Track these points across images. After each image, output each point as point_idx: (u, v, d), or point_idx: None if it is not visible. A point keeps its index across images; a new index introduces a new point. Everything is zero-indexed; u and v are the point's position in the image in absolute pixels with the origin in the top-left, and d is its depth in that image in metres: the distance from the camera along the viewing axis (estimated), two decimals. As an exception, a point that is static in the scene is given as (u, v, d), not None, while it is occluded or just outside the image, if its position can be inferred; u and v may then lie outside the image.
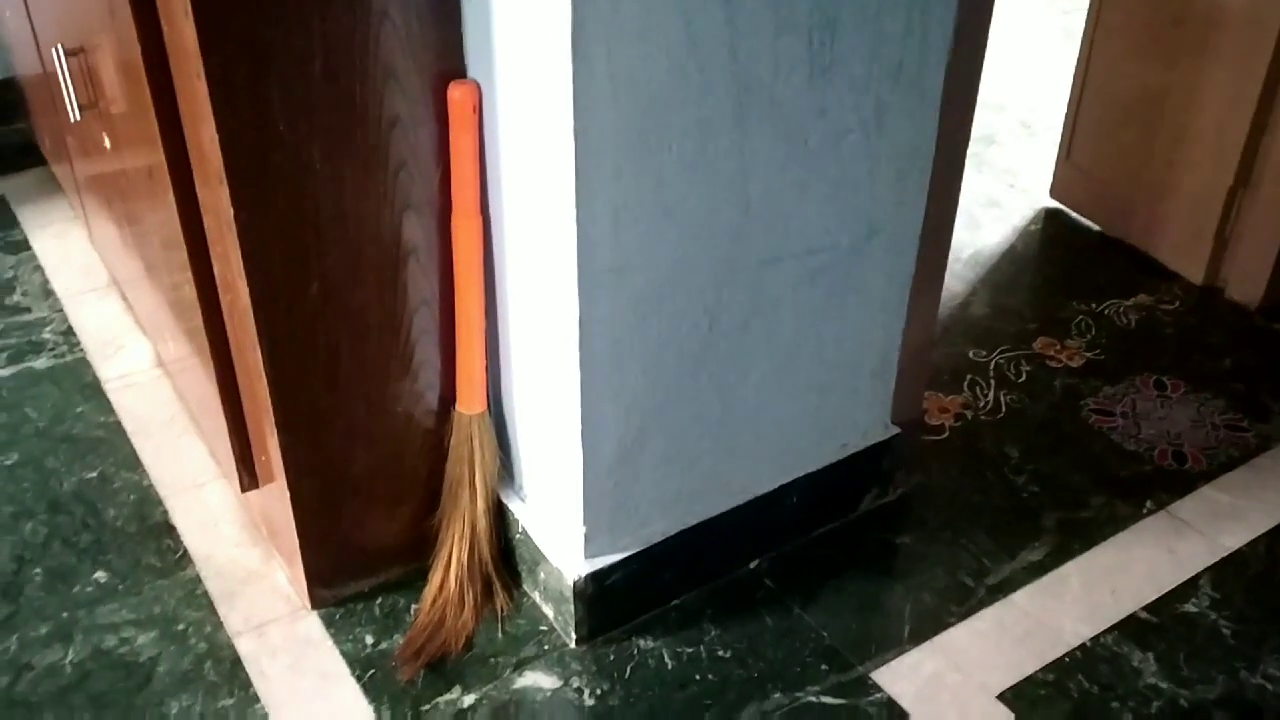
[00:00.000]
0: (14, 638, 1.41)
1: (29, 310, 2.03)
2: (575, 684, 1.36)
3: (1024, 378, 1.91)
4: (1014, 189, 2.49)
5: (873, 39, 1.23)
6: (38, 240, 2.23)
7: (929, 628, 1.44)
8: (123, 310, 2.02)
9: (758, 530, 1.51)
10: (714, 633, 1.43)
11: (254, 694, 1.35)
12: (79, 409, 1.80)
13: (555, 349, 1.25)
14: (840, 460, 1.54)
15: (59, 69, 1.51)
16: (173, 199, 1.28)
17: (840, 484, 1.57)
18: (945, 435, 1.77)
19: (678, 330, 1.28)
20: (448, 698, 1.34)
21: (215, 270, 1.31)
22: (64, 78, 1.51)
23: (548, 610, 1.44)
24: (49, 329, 1.98)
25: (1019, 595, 1.49)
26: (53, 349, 1.93)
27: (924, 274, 1.49)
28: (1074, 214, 2.37)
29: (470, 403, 1.38)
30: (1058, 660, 1.40)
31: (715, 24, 1.11)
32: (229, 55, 1.09)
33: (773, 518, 1.51)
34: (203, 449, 1.71)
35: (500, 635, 1.42)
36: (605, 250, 1.17)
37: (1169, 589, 1.50)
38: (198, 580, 1.50)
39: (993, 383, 1.89)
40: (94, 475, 1.67)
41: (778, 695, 1.35)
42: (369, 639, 1.41)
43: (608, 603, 1.39)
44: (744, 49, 1.15)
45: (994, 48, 1.43)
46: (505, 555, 1.48)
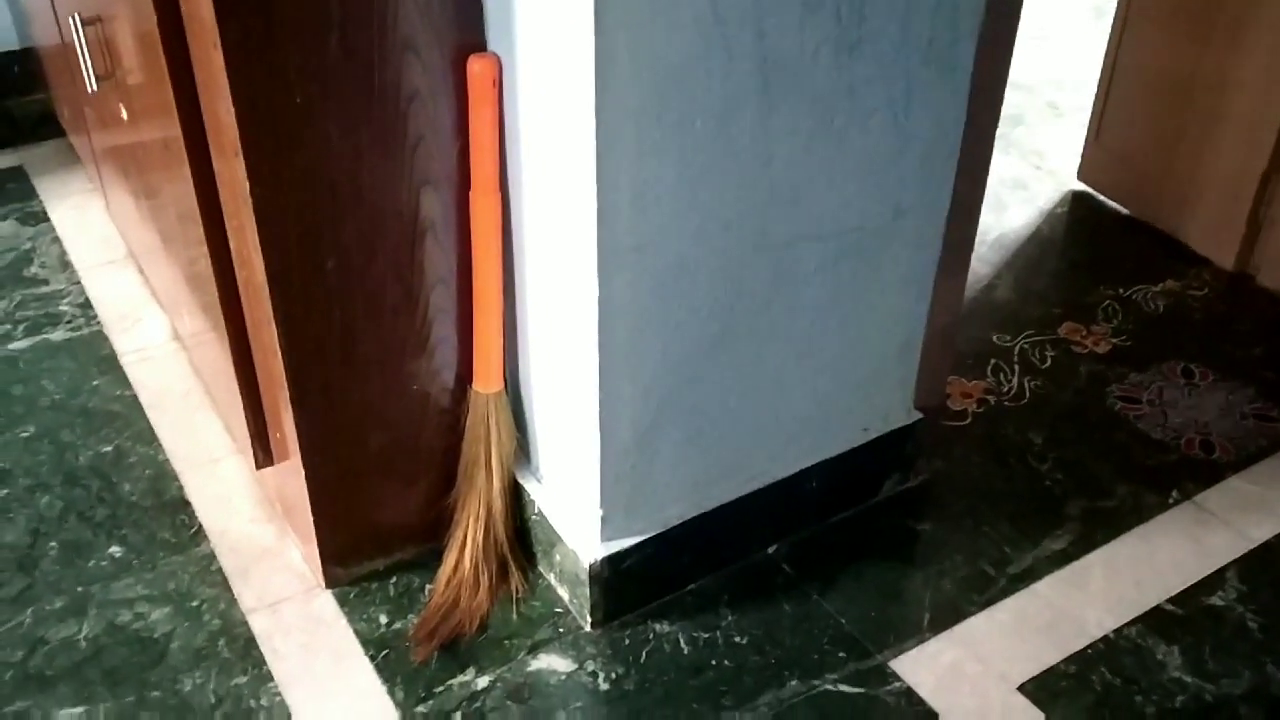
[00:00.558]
0: (29, 611, 1.41)
1: (46, 282, 2.02)
2: (590, 668, 1.35)
3: (1049, 363, 1.88)
4: (1040, 170, 2.45)
5: (902, 14, 1.20)
6: (56, 211, 2.22)
7: (949, 616, 1.42)
8: (140, 283, 2.01)
9: (776, 515, 1.49)
10: (731, 618, 1.41)
11: (267, 672, 1.34)
12: (95, 382, 1.79)
13: (574, 329, 1.23)
14: (861, 445, 1.52)
15: (76, 39, 1.50)
16: (189, 172, 1.27)
17: (861, 469, 1.55)
18: (968, 421, 1.75)
19: (698, 311, 1.26)
20: (461, 679, 1.33)
21: (231, 245, 1.29)
22: (81, 48, 1.50)
23: (563, 593, 1.43)
24: (66, 301, 1.98)
25: (1041, 585, 1.47)
26: (69, 321, 1.93)
27: (950, 256, 1.46)
28: (1101, 197, 2.33)
29: (487, 382, 1.36)
30: (1080, 652, 1.38)
31: (742, -2, 1.09)
32: (246, 26, 1.07)
33: (792, 502, 1.50)
34: (218, 424, 1.70)
35: (515, 617, 1.41)
36: (626, 228, 1.15)
37: (1194, 581, 1.48)
38: (212, 556, 1.49)
39: (1017, 368, 1.87)
40: (109, 449, 1.66)
41: (795, 683, 1.33)
42: (383, 619, 1.40)
43: (624, 586, 1.38)
44: (770, 24, 1.12)
45: (1021, 26, 1.39)
46: (520, 536, 1.47)
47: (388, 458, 1.39)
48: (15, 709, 1.29)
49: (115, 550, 1.50)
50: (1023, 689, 1.33)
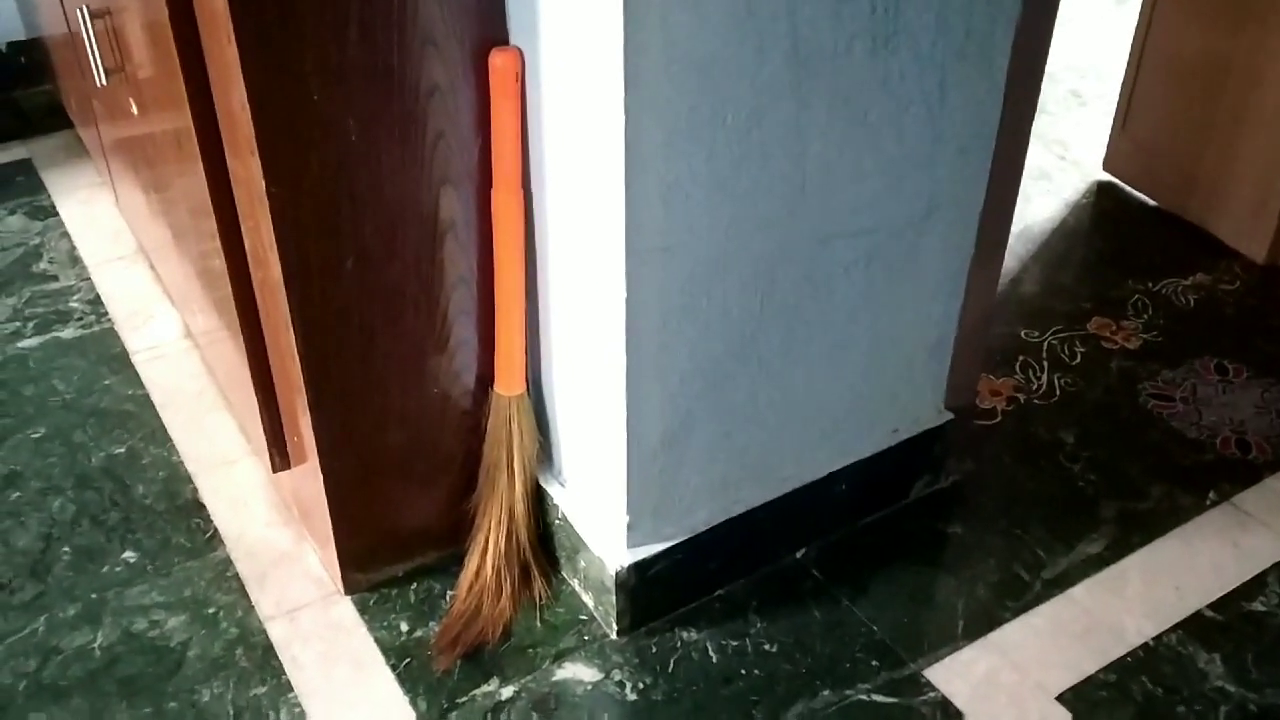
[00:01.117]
0: (42, 619, 1.38)
1: (56, 279, 1.99)
2: (617, 677, 1.31)
3: (1078, 359, 1.84)
4: (1065, 161, 2.40)
5: (939, 6, 1.16)
6: (64, 206, 2.19)
7: (983, 623, 1.38)
8: (151, 279, 1.98)
9: (805, 518, 1.46)
10: (760, 625, 1.38)
11: (286, 682, 1.31)
12: (107, 381, 1.76)
13: (600, 330, 1.19)
14: (891, 446, 1.48)
15: (84, 31, 1.46)
16: (201, 168, 1.23)
17: (891, 471, 1.51)
18: (997, 419, 1.71)
19: (728, 311, 1.22)
20: (485, 689, 1.30)
21: (246, 243, 1.26)
22: (89, 40, 1.46)
23: (588, 599, 1.39)
24: (76, 298, 1.94)
25: (1077, 590, 1.43)
26: (80, 319, 1.89)
27: (983, 253, 1.42)
28: (1128, 188, 2.29)
29: (509, 384, 1.33)
30: (1119, 660, 1.34)
31: (776, -12, 1.05)
32: (261, 18, 1.04)
33: (821, 506, 1.46)
34: (232, 424, 1.67)
35: (539, 625, 1.37)
36: (654, 227, 1.11)
37: (1235, 586, 1.44)
38: (228, 561, 1.46)
39: (1046, 364, 1.83)
40: (122, 450, 1.63)
41: (826, 692, 1.30)
42: (404, 626, 1.37)
43: (650, 593, 1.34)
44: (803, 16, 1.08)
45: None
46: (544, 541, 1.44)
47: (407, 461, 1.36)
48: (29, 720, 1.27)
49: (129, 555, 1.47)
50: (1061, 698, 1.30)
